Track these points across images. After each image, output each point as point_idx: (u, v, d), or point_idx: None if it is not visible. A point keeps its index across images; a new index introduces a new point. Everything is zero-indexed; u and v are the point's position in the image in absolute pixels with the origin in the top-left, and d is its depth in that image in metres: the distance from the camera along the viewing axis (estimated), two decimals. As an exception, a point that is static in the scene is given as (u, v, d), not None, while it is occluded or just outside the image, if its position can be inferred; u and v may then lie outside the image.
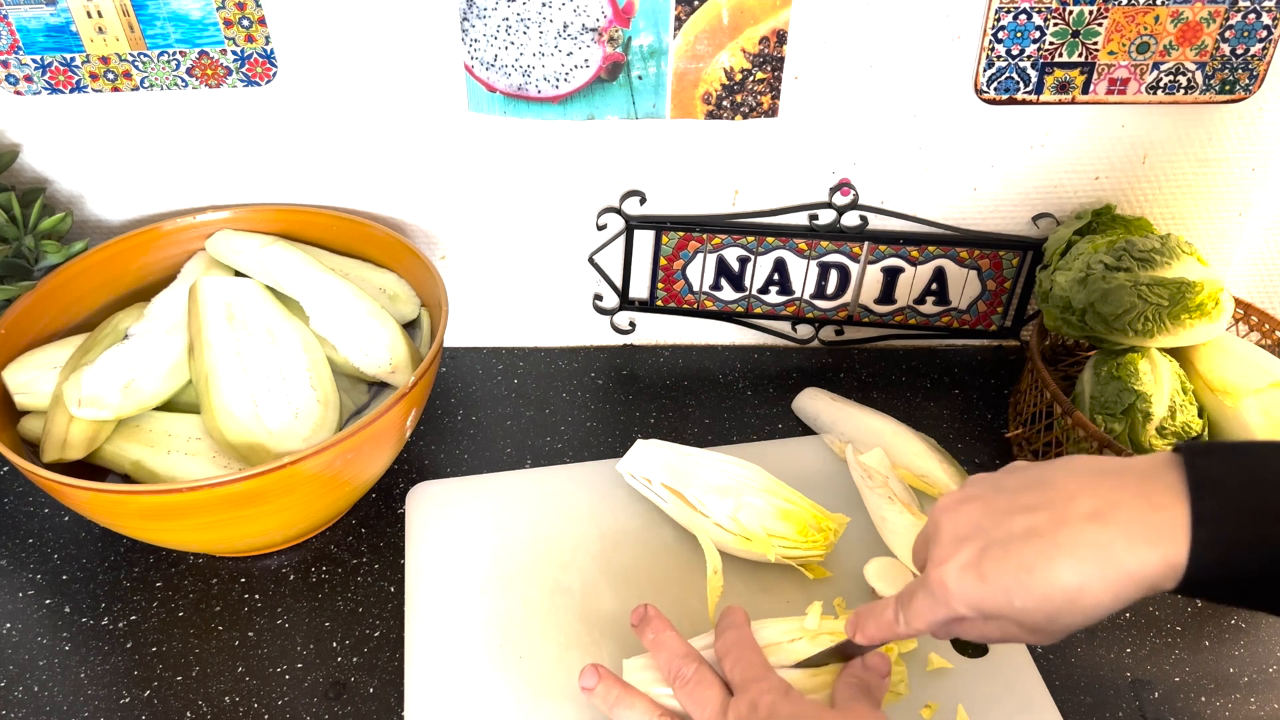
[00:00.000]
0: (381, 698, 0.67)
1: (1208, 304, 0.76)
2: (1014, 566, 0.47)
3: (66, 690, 0.67)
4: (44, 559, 0.76)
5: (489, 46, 0.77)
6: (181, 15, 0.75)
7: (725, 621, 0.61)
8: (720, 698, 0.56)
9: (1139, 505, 0.46)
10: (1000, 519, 0.49)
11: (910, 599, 0.53)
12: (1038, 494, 0.49)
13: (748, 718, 0.54)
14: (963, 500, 0.52)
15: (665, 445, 0.76)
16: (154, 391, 0.72)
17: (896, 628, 0.54)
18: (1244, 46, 0.79)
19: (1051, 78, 0.81)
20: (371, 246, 0.85)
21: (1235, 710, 0.67)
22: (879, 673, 0.58)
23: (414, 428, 0.77)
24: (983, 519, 0.50)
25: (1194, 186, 0.89)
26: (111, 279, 0.82)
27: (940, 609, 0.51)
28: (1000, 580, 0.48)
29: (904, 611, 0.54)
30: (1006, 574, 0.48)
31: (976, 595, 0.49)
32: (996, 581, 0.48)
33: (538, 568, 0.73)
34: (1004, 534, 0.48)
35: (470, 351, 0.96)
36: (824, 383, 0.91)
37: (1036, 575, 0.47)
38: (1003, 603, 0.48)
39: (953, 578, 0.49)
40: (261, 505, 0.67)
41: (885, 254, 0.90)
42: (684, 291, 0.93)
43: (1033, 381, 0.83)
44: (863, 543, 0.74)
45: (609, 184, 0.87)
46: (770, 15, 0.77)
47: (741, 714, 0.54)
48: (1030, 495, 0.49)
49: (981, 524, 0.50)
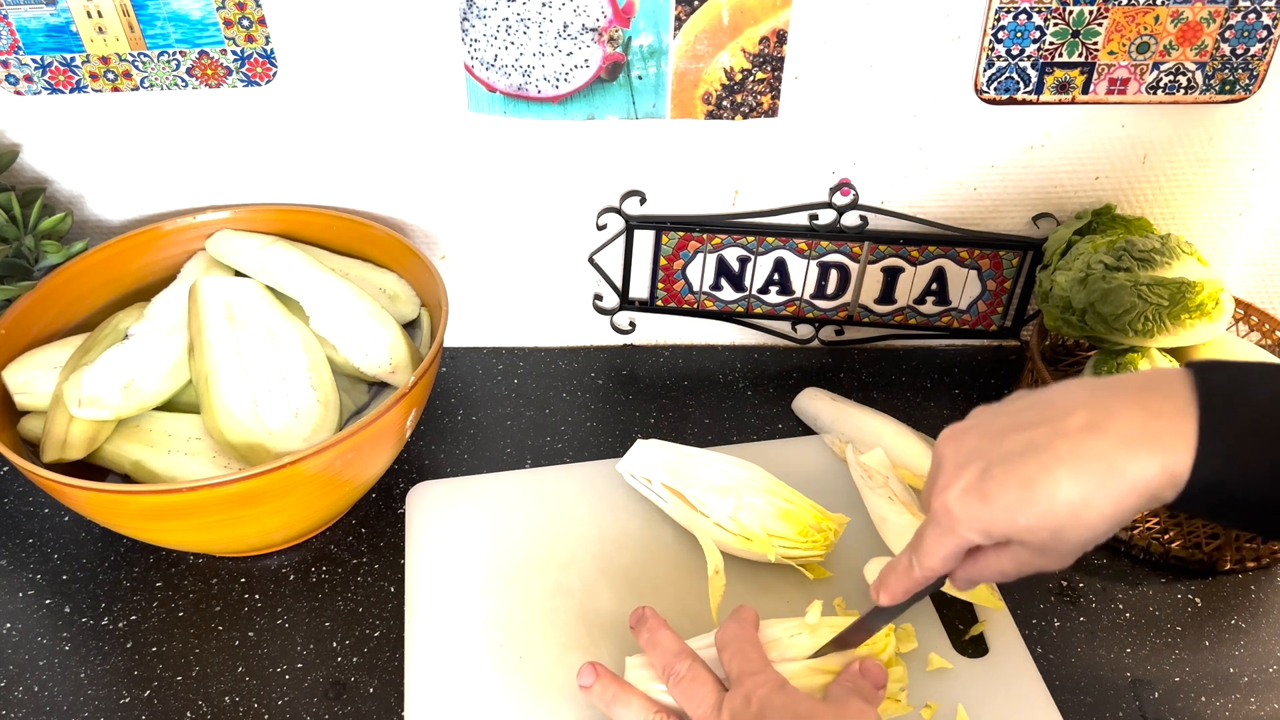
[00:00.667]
0: (381, 698, 0.67)
1: (1208, 304, 0.76)
2: (1015, 483, 0.47)
3: (66, 690, 0.67)
4: (44, 559, 0.76)
5: (489, 46, 0.77)
6: (181, 15, 0.75)
7: (732, 616, 0.61)
8: (714, 693, 0.56)
9: (1138, 415, 0.46)
10: (999, 439, 0.49)
11: (919, 539, 0.53)
12: (1036, 412, 0.49)
13: (741, 711, 0.54)
14: (964, 429, 0.52)
15: (665, 445, 0.76)
16: (154, 391, 0.72)
17: (913, 572, 0.54)
18: (1244, 46, 0.79)
19: (1051, 78, 0.81)
20: (371, 246, 0.85)
21: (1235, 710, 0.67)
22: (874, 682, 0.58)
23: (414, 428, 0.77)
24: (982, 442, 0.50)
25: (1194, 186, 0.89)
26: (111, 279, 0.82)
27: (948, 538, 0.50)
28: (1003, 499, 0.47)
29: (915, 553, 0.53)
30: (1008, 492, 0.47)
31: (981, 517, 0.48)
32: (999, 500, 0.47)
33: (538, 568, 0.73)
34: (1003, 453, 0.48)
35: (470, 351, 0.96)
36: (824, 383, 0.91)
37: (1038, 490, 0.46)
38: (1007, 522, 0.48)
39: (955, 502, 0.49)
40: (261, 505, 0.67)
41: (885, 254, 0.90)
42: (684, 291, 0.93)
43: (1033, 381, 0.83)
44: (863, 543, 0.74)
45: (609, 184, 0.87)
46: (770, 15, 0.77)
47: (735, 708, 0.54)
48: (1028, 414, 0.49)
49: (981, 447, 0.49)
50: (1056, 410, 0.48)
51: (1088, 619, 0.73)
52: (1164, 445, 0.45)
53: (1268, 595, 0.74)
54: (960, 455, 0.50)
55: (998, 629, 0.69)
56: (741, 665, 0.57)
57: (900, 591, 0.56)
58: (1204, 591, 0.75)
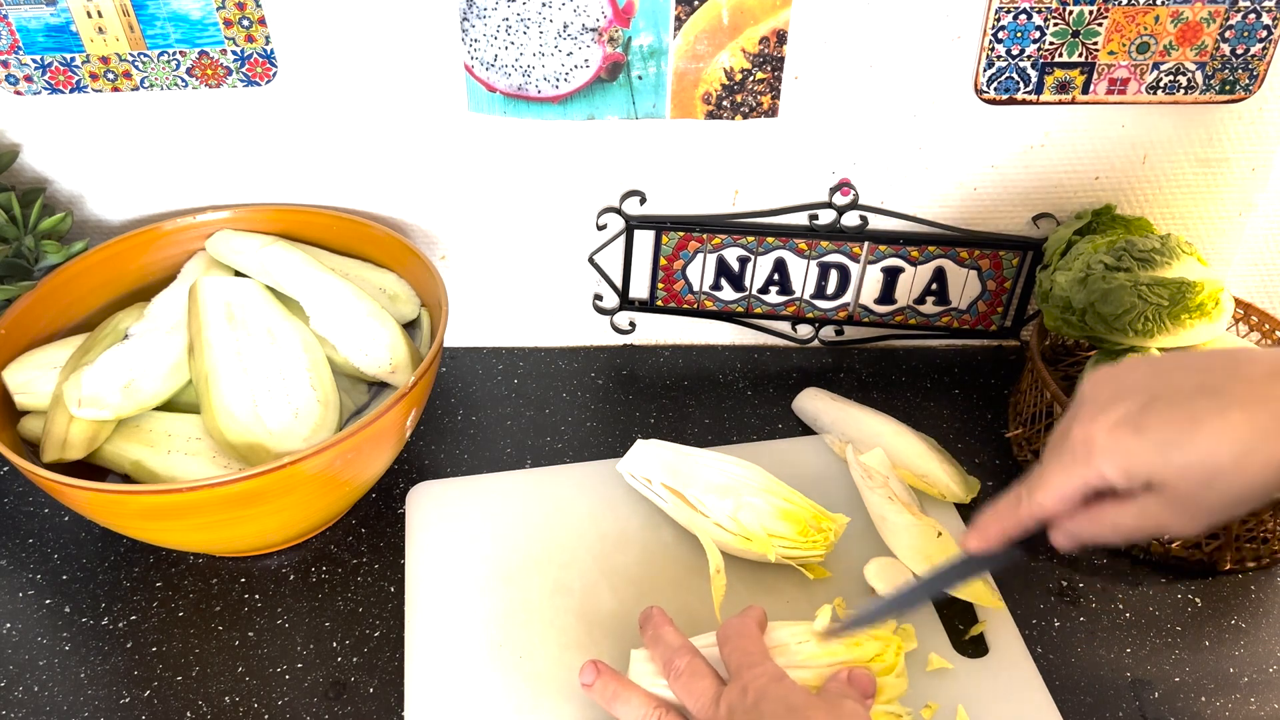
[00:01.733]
0: (381, 698, 0.67)
1: (1208, 304, 0.76)
2: (1181, 418, 0.44)
3: (66, 690, 0.67)
4: (44, 559, 0.76)
5: (489, 46, 0.77)
6: (181, 15, 0.75)
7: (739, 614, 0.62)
8: (713, 687, 0.56)
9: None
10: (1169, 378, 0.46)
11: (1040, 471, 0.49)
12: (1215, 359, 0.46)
13: (738, 702, 0.54)
14: (1125, 368, 0.49)
15: (665, 445, 0.76)
16: (154, 391, 0.72)
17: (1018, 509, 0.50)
18: (1244, 46, 0.79)
19: (1051, 78, 0.81)
20: (371, 246, 0.85)
21: (1235, 710, 0.67)
22: (862, 690, 0.58)
23: (414, 428, 0.77)
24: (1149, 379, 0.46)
25: (1194, 186, 0.89)
26: (111, 279, 0.82)
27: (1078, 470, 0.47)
28: (1162, 432, 0.44)
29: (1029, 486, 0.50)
30: (1170, 426, 0.44)
31: (1128, 451, 0.45)
32: (1157, 434, 0.44)
33: (538, 568, 0.73)
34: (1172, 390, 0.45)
35: (470, 351, 0.96)
36: (824, 383, 0.91)
37: (1205, 427, 0.43)
38: (1157, 460, 0.44)
39: (1103, 432, 0.46)
40: (261, 505, 0.67)
41: (885, 254, 0.90)
42: (684, 291, 0.93)
43: (1033, 381, 0.83)
44: (863, 543, 0.74)
45: (609, 184, 0.87)
46: (770, 15, 0.77)
47: (732, 699, 0.54)
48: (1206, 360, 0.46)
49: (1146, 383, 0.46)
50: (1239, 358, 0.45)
51: (1088, 619, 0.73)
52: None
53: (1268, 595, 0.74)
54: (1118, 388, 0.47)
55: (998, 629, 0.69)
56: (740, 658, 0.57)
57: (997, 535, 0.52)
58: (1204, 591, 0.75)
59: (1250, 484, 0.43)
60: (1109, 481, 0.46)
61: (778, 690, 0.54)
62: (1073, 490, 0.48)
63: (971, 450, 0.86)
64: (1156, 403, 0.45)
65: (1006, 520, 0.51)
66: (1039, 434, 0.82)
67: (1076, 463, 0.47)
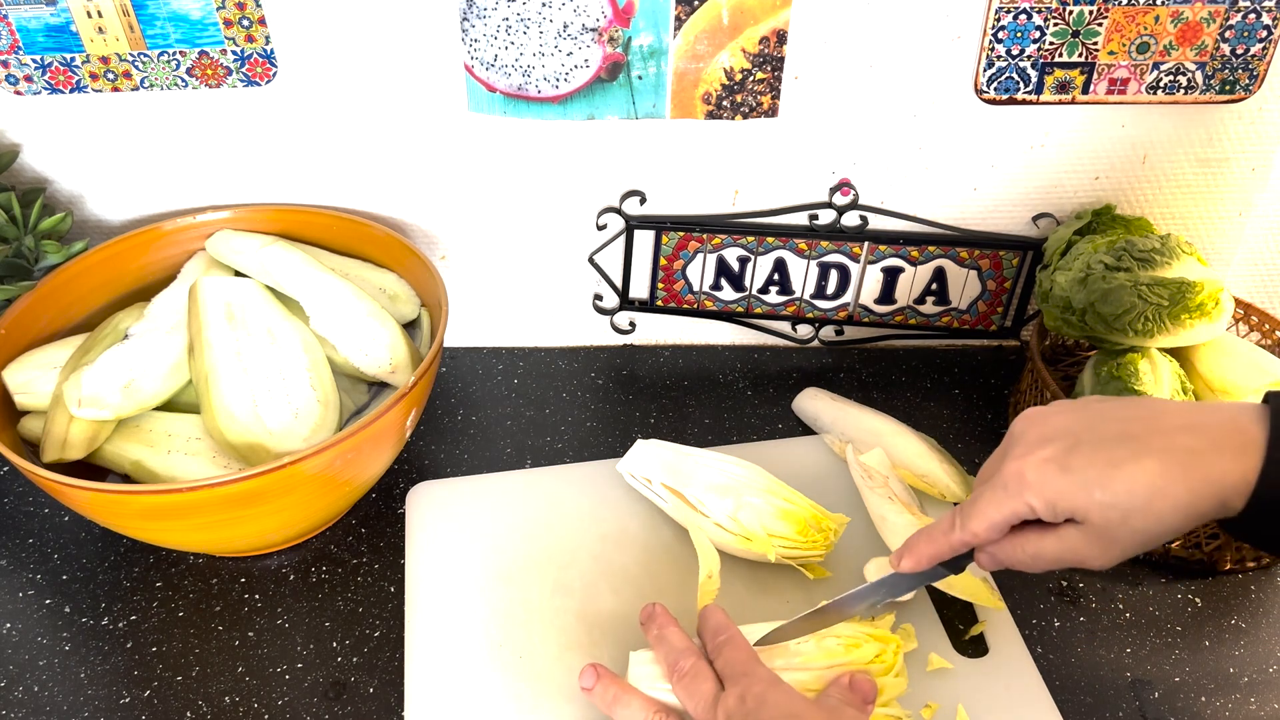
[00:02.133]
0: (381, 698, 0.67)
1: (1208, 304, 0.76)
2: (1102, 460, 0.49)
3: (66, 690, 0.67)
4: (44, 559, 0.76)
5: (489, 46, 0.77)
6: (181, 15, 0.75)
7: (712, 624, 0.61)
8: (713, 690, 0.57)
9: (1230, 426, 0.49)
10: (1092, 424, 0.51)
11: (973, 500, 0.54)
12: (1132, 410, 0.51)
13: (736, 709, 0.54)
14: (1050, 411, 0.54)
15: (665, 445, 0.76)
16: (154, 391, 0.72)
17: (950, 534, 0.55)
18: (1244, 46, 0.79)
19: (1051, 78, 0.81)
20: (371, 246, 0.85)
21: (1235, 710, 0.67)
22: (863, 696, 0.58)
23: (414, 428, 0.77)
24: (1074, 423, 0.52)
25: (1194, 186, 0.89)
26: (111, 279, 0.82)
27: (1008, 502, 0.52)
28: (1085, 472, 0.49)
29: (962, 515, 0.54)
30: (1093, 467, 0.49)
31: (1055, 486, 0.50)
32: (1081, 473, 0.49)
33: (538, 568, 0.73)
34: (1096, 435, 0.50)
35: (470, 351, 0.96)
36: (824, 383, 0.91)
37: (1123, 470, 0.49)
38: (1081, 497, 0.49)
39: (1033, 468, 0.51)
40: (261, 505, 0.67)
41: (885, 254, 0.90)
42: (684, 291, 0.93)
43: (1033, 381, 0.83)
44: (863, 543, 0.74)
45: (609, 184, 0.87)
46: (770, 15, 0.77)
47: (730, 708, 0.54)
48: (1124, 410, 0.52)
49: (1072, 427, 0.51)
50: (1154, 411, 0.51)
51: (1088, 619, 0.73)
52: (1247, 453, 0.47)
53: (1268, 595, 0.74)
54: (1046, 430, 0.52)
55: (998, 629, 0.69)
56: (735, 666, 0.57)
57: (927, 557, 0.56)
58: (1204, 591, 0.75)
59: (1159, 522, 0.49)
60: (1036, 513, 0.51)
61: (776, 696, 0.54)
62: (1002, 519, 0.52)
63: (971, 450, 0.86)
64: (1082, 445, 0.50)
65: (938, 544, 0.56)
66: (1039, 434, 0.82)
67: (1008, 495, 0.52)
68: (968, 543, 0.55)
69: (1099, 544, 0.50)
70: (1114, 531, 0.49)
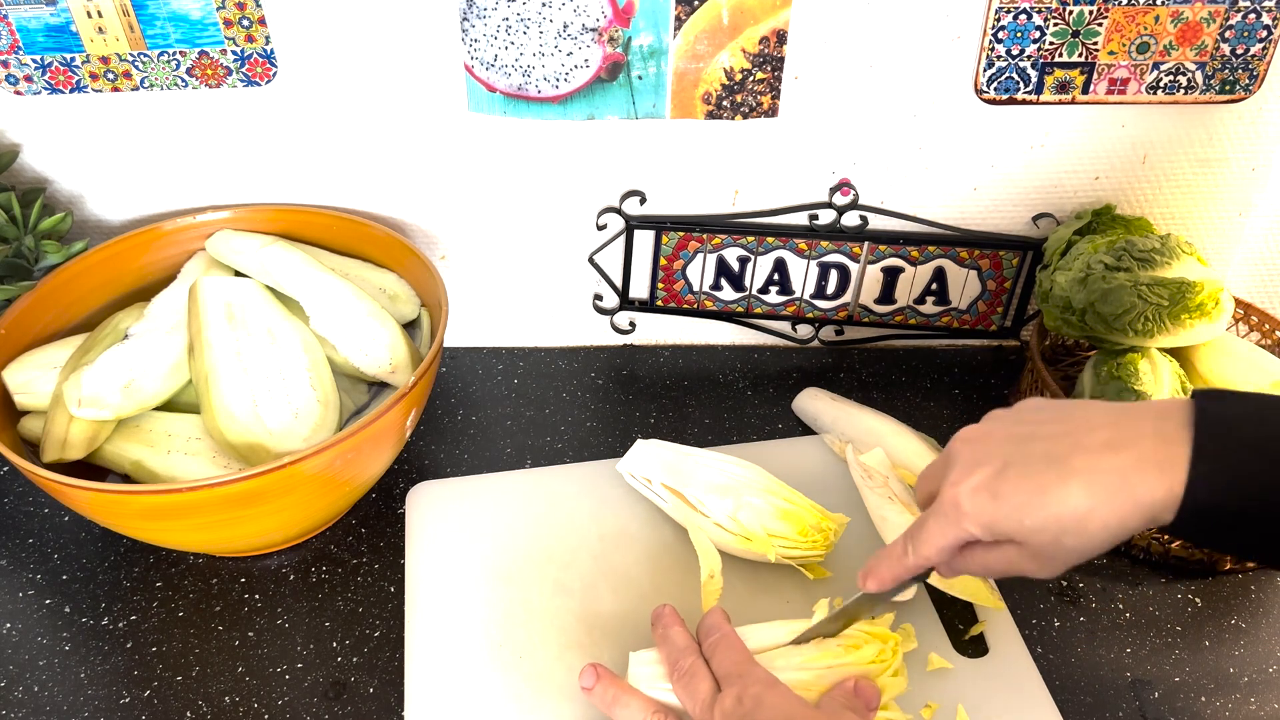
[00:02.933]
0: (381, 698, 0.67)
1: (1208, 304, 0.76)
2: (1029, 487, 0.50)
3: (66, 690, 0.67)
4: (44, 559, 0.76)
5: (489, 46, 0.77)
6: (181, 15, 0.75)
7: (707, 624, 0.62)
8: (710, 690, 0.57)
9: (1153, 439, 0.48)
10: (1020, 445, 0.51)
11: (919, 527, 0.55)
12: (1058, 425, 0.51)
13: (732, 711, 0.54)
14: (983, 431, 0.54)
15: (665, 445, 0.76)
16: (154, 391, 0.72)
17: (905, 559, 0.56)
18: (1244, 46, 0.79)
19: (1051, 78, 0.81)
20: (371, 246, 0.85)
21: (1235, 710, 0.67)
22: (867, 702, 0.58)
23: (414, 428, 0.77)
24: (1002, 445, 0.52)
25: (1194, 186, 0.89)
26: (111, 279, 0.82)
27: (950, 530, 0.53)
28: (1014, 499, 0.50)
29: (912, 541, 0.55)
30: (1020, 493, 0.50)
31: (988, 513, 0.51)
32: (1010, 500, 0.50)
33: (538, 568, 0.73)
34: (1022, 457, 0.51)
35: (470, 351, 0.96)
36: (824, 383, 0.91)
37: (1049, 495, 0.49)
38: (1013, 522, 0.50)
39: (966, 496, 0.52)
40: (261, 505, 0.67)
41: (885, 254, 0.90)
42: (684, 291, 0.93)
43: (1033, 381, 0.83)
44: (863, 543, 0.74)
45: (609, 184, 0.87)
46: (770, 15, 0.77)
47: (726, 708, 0.55)
48: (1051, 426, 0.52)
49: (1000, 450, 0.52)
50: (1079, 425, 0.51)
51: (1088, 619, 0.73)
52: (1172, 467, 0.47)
53: (1268, 595, 0.74)
54: (978, 454, 0.53)
55: (998, 629, 0.69)
56: (730, 667, 0.57)
57: (889, 578, 0.58)
58: (1204, 591, 0.75)
59: (1090, 540, 0.49)
60: (976, 537, 0.53)
61: (773, 697, 0.54)
62: (948, 544, 0.54)
63: (971, 450, 0.86)
64: (1010, 470, 0.51)
65: (896, 568, 0.57)
66: (1039, 434, 0.82)
67: (949, 523, 0.53)
68: (922, 566, 0.56)
69: (1036, 560, 0.51)
70: (1048, 550, 0.50)
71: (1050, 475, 0.49)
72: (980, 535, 0.52)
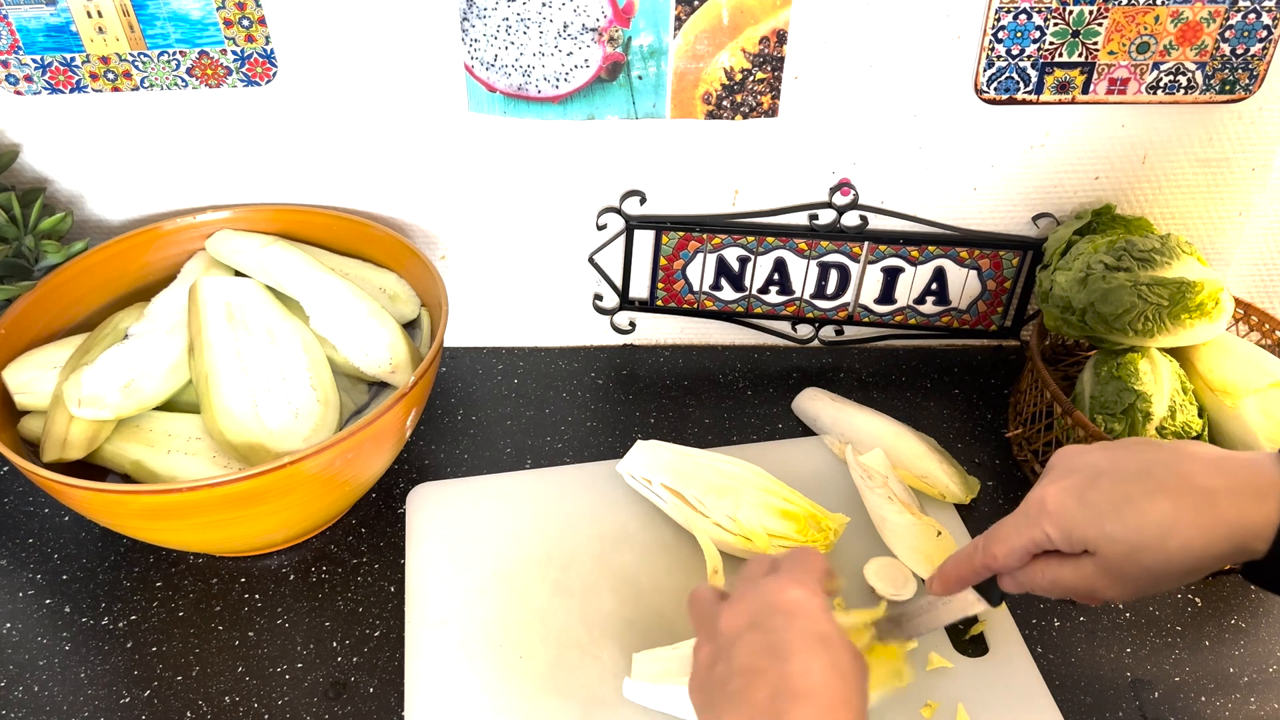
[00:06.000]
0: (381, 698, 0.67)
1: (1208, 304, 0.76)
2: (1117, 495, 0.50)
3: (66, 690, 0.67)
4: (44, 559, 0.76)
5: (489, 46, 0.77)
6: (181, 15, 0.75)
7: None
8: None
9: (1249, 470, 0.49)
10: (1116, 461, 0.52)
11: (996, 526, 0.55)
12: (1159, 451, 0.52)
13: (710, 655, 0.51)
14: (1082, 449, 0.55)
15: (665, 446, 0.76)
16: (154, 391, 0.72)
17: (974, 558, 0.56)
18: (1244, 46, 0.79)
19: (1051, 78, 0.81)
20: (371, 246, 0.85)
21: (1235, 710, 0.67)
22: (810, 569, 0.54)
23: (414, 428, 0.77)
24: (1102, 459, 0.53)
25: (1194, 186, 0.89)
26: (111, 279, 0.82)
27: (1027, 530, 0.53)
28: (1099, 505, 0.50)
29: (986, 539, 0.55)
30: (1107, 500, 0.50)
31: (1070, 515, 0.51)
32: (1095, 506, 0.50)
33: (538, 568, 0.73)
34: (1117, 470, 0.51)
35: (470, 351, 0.96)
36: (824, 383, 0.91)
37: (1135, 504, 0.49)
38: (1094, 528, 0.50)
39: (1052, 496, 0.52)
40: (261, 505, 0.67)
41: (885, 254, 0.90)
42: (684, 291, 0.93)
43: (1033, 381, 0.83)
44: (863, 543, 0.74)
45: (609, 184, 0.87)
46: (770, 15, 0.77)
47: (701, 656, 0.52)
48: (1155, 451, 0.53)
49: (1099, 463, 0.52)
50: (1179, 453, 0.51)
51: (1088, 619, 0.73)
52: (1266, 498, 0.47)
53: (1268, 595, 0.74)
54: (1073, 464, 0.53)
55: (998, 629, 0.69)
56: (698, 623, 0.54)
57: (954, 579, 0.57)
58: (1204, 591, 0.75)
59: (1169, 561, 0.49)
60: (1053, 542, 0.52)
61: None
62: (1022, 546, 0.53)
63: (971, 450, 0.86)
64: (1102, 479, 0.51)
65: (962, 568, 0.57)
66: (1039, 434, 0.82)
67: (1028, 522, 0.53)
68: (989, 566, 0.55)
69: (1109, 577, 0.51)
70: (1123, 566, 0.50)
71: (1139, 486, 0.50)
72: (1057, 539, 0.52)
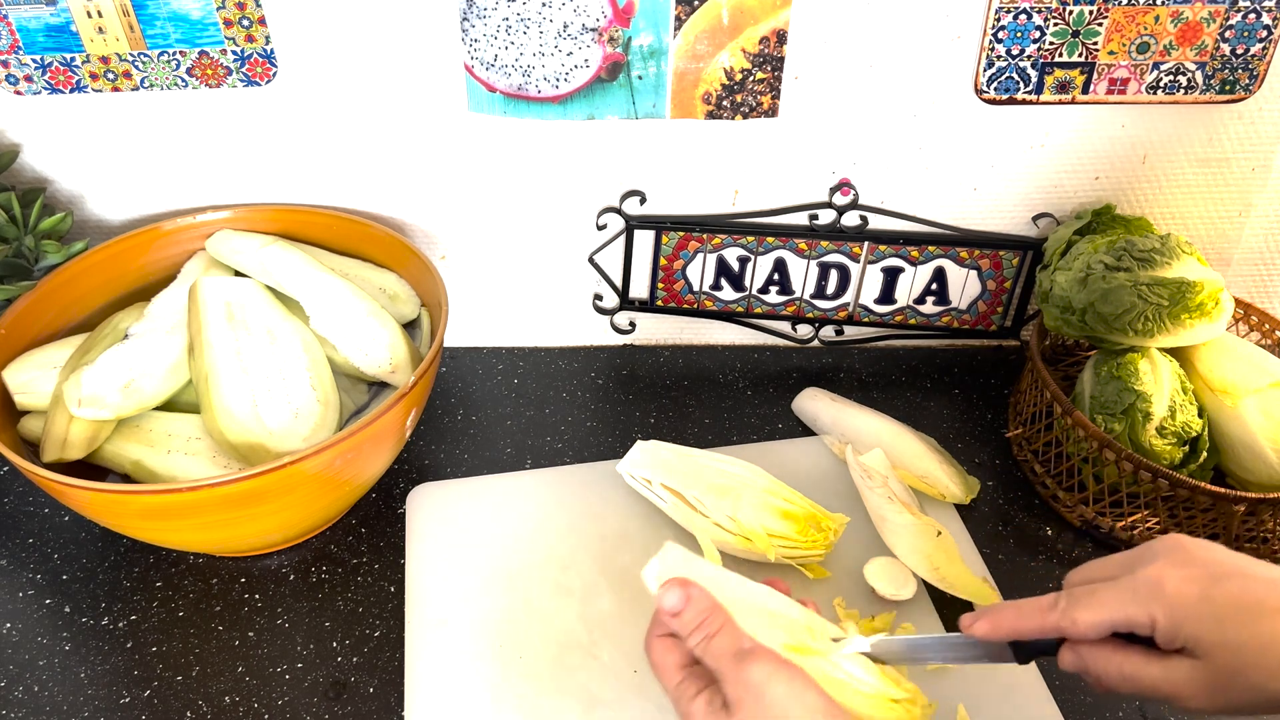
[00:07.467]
0: (381, 698, 0.67)
1: (1208, 304, 0.76)
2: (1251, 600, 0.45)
3: (66, 690, 0.67)
4: (44, 559, 0.76)
5: (489, 46, 0.77)
6: (181, 15, 0.75)
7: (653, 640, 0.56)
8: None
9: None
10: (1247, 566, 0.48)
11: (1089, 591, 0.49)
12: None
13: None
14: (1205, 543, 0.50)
15: (665, 446, 0.76)
16: (154, 391, 0.72)
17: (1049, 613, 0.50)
18: (1244, 46, 0.79)
19: (1051, 78, 0.81)
20: (371, 246, 0.85)
21: (1235, 710, 0.67)
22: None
23: (414, 428, 0.77)
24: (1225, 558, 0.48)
25: (1194, 186, 0.89)
26: (111, 279, 0.82)
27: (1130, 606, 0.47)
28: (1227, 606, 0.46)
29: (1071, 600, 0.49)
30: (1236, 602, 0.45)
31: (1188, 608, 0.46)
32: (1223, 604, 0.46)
33: (538, 568, 0.73)
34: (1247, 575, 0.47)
35: (470, 351, 0.96)
36: (824, 383, 0.91)
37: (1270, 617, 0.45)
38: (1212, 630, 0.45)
39: (1174, 582, 0.47)
40: (261, 505, 0.67)
41: (885, 254, 0.90)
42: (684, 291, 0.93)
43: (1033, 381, 0.83)
44: (863, 543, 0.74)
45: (609, 184, 0.87)
46: (770, 15, 0.77)
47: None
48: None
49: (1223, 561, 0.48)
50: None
51: (1088, 619, 0.73)
52: None
53: (1268, 595, 0.74)
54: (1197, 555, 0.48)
55: (998, 629, 0.69)
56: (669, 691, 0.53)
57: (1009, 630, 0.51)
58: (1204, 591, 0.75)
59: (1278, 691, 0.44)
60: (1154, 629, 0.47)
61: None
62: (1114, 620, 0.48)
63: (971, 450, 0.86)
64: (1231, 579, 0.46)
65: (1029, 620, 0.51)
66: (1039, 434, 0.82)
67: (1135, 599, 0.47)
68: (1064, 630, 0.49)
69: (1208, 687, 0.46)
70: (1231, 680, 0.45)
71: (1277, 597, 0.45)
72: (1161, 628, 0.46)
